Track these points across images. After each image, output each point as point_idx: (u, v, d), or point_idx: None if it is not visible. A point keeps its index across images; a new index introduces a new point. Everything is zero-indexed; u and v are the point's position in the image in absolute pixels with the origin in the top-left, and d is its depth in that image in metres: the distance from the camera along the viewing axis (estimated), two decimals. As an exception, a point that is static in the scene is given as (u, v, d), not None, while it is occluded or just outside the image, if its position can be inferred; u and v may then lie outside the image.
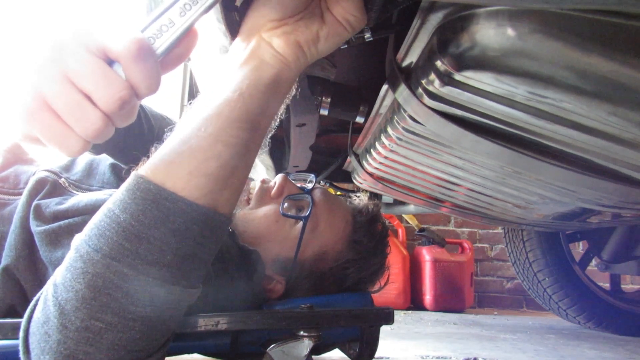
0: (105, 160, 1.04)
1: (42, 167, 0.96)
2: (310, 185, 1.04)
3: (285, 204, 0.95)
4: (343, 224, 1.01)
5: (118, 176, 1.01)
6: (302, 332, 0.83)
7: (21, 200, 0.86)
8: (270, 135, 0.66)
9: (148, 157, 0.56)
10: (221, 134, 0.52)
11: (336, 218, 1.01)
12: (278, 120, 0.66)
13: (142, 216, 0.50)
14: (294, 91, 0.66)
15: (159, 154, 0.54)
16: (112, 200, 0.53)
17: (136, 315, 0.51)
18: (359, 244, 1.02)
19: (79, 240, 0.53)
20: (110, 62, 0.44)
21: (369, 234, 1.04)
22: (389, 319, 0.91)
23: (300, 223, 0.95)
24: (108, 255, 0.50)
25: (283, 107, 0.63)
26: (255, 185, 1.01)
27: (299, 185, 1.05)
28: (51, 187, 0.90)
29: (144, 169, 0.53)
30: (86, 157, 1.05)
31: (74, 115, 0.43)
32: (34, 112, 0.43)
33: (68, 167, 1.00)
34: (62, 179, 0.94)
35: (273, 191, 0.97)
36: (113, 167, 1.02)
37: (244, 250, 0.89)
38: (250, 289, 0.89)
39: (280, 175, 1.01)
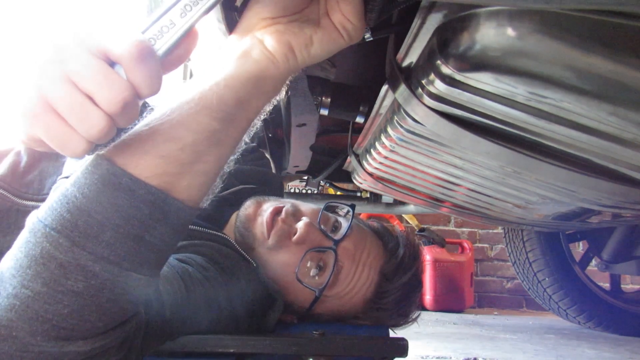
0: None
1: (63, 173, 0.92)
2: (342, 222, 0.96)
3: (306, 258, 0.90)
4: (366, 285, 0.94)
5: None
6: None
7: None
8: (251, 133, 0.62)
9: None
10: (186, 119, 0.50)
11: (359, 279, 0.94)
12: (261, 118, 0.62)
13: (87, 189, 0.48)
14: (282, 93, 0.63)
15: (124, 135, 0.52)
16: (70, 177, 0.51)
17: (67, 288, 0.48)
18: (381, 311, 0.96)
19: (33, 213, 0.52)
20: (111, 63, 0.44)
21: (394, 301, 0.97)
22: (403, 352, 0.86)
23: (318, 279, 0.91)
24: (49, 225, 0.48)
25: (268, 106, 0.60)
26: (278, 218, 0.93)
27: (331, 218, 0.97)
28: None
29: (107, 148, 0.52)
30: None
31: (77, 116, 0.42)
32: (37, 114, 0.43)
33: None
34: None
35: (294, 239, 0.90)
36: None
37: (267, 286, 0.87)
38: (262, 322, 0.88)
39: (304, 222, 0.91)
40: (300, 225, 0.91)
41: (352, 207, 1.00)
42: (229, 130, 0.53)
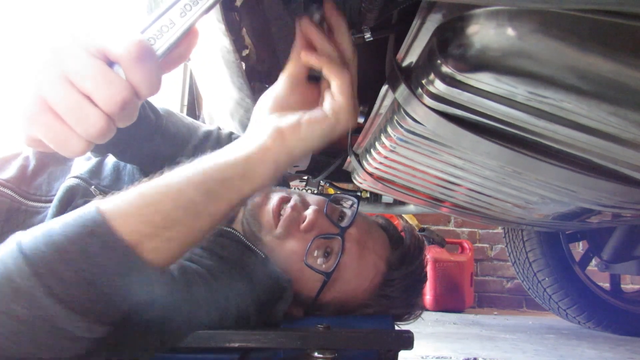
0: None
1: (72, 173, 0.94)
2: (348, 213, 0.97)
3: (313, 245, 0.91)
4: (373, 272, 0.95)
5: (147, 175, 0.98)
6: (316, 353, 0.81)
7: (50, 211, 0.85)
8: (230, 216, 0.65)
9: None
10: (170, 184, 0.55)
11: (366, 266, 0.95)
12: (246, 203, 0.68)
13: (69, 229, 0.51)
14: (272, 180, 0.63)
15: (127, 190, 0.56)
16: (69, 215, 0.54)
17: (10, 310, 0.49)
18: (388, 298, 0.97)
19: (22, 232, 0.53)
20: (110, 63, 0.44)
21: (401, 289, 0.98)
22: (408, 345, 0.85)
23: (325, 265, 0.92)
24: (23, 250, 0.50)
25: (258, 191, 0.62)
26: (287, 206, 0.93)
27: (337, 208, 0.99)
28: (82, 196, 0.89)
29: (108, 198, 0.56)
30: (113, 159, 1.02)
31: (75, 116, 0.43)
32: (35, 114, 0.43)
33: (97, 172, 0.97)
34: (93, 187, 0.92)
35: (303, 225, 0.91)
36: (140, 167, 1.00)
37: (277, 276, 0.87)
38: (271, 313, 0.88)
39: (313, 209, 0.93)
40: (309, 212, 0.93)
41: (357, 198, 1.02)
42: (211, 206, 0.56)
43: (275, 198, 0.95)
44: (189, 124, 1.08)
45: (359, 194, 1.97)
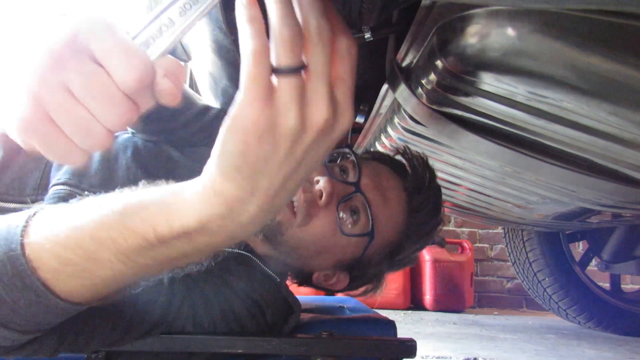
0: (124, 150, 0.94)
1: (57, 178, 0.87)
2: (347, 165, 0.92)
3: (341, 214, 0.86)
4: (400, 206, 0.92)
5: (145, 169, 0.92)
6: None
7: None
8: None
9: None
10: (102, 224, 0.47)
11: (392, 203, 0.91)
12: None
13: None
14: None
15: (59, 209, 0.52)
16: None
17: None
18: (421, 222, 0.94)
19: None
20: None
21: (430, 209, 0.95)
22: (411, 353, 0.85)
23: (359, 226, 0.87)
24: None
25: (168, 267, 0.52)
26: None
27: (335, 165, 0.93)
28: None
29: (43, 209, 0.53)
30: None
31: (77, 131, 0.41)
32: (34, 123, 0.41)
33: (83, 170, 0.89)
34: (86, 193, 0.85)
35: (322, 200, 0.85)
36: (135, 157, 0.93)
37: (288, 298, 0.86)
38: (282, 329, 0.87)
39: (324, 179, 0.86)
40: (322, 184, 0.85)
41: (349, 147, 0.96)
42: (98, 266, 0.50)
43: None
44: (188, 93, 1.04)
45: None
